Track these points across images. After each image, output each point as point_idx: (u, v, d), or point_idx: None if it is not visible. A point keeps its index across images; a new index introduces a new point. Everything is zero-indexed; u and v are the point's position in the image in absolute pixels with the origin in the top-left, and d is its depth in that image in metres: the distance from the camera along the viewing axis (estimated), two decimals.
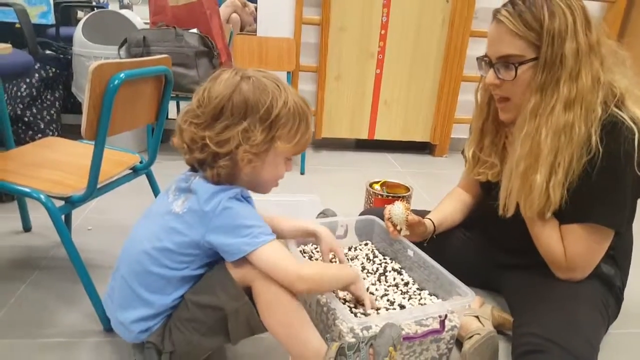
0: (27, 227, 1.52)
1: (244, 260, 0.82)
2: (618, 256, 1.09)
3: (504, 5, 0.98)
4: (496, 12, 0.99)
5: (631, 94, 0.97)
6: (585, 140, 0.94)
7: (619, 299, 1.10)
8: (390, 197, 1.68)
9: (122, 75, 0.97)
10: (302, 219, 1.15)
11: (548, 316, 0.96)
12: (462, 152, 1.26)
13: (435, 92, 2.69)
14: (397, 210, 1.18)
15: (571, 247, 1.02)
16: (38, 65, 2.18)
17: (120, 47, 2.21)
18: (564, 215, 1.02)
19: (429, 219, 1.26)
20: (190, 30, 2.31)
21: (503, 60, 0.98)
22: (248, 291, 0.84)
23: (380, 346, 0.81)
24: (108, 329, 1.05)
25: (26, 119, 2.22)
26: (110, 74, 0.95)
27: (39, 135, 2.24)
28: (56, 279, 1.26)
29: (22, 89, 2.12)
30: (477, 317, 1.09)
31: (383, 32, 2.55)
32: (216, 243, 0.82)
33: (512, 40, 0.95)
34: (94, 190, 1.06)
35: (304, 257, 1.23)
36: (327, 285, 0.92)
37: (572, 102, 0.93)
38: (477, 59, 1.06)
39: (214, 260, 0.87)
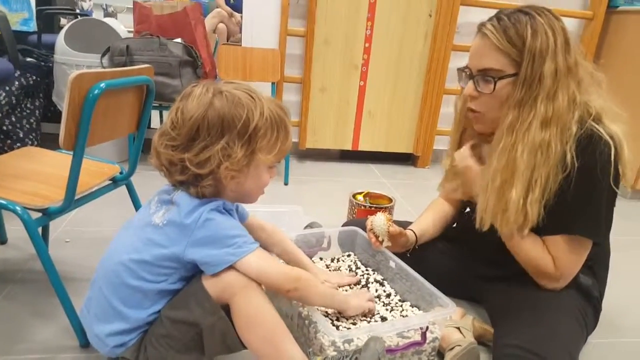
0: (2, 239, 1.47)
1: (221, 276, 0.81)
2: (596, 267, 1.11)
3: (490, 19, 1.01)
4: (481, 25, 1.01)
5: (607, 112, 0.99)
6: (560, 158, 0.96)
7: (596, 309, 1.12)
8: (373, 208, 1.68)
9: (102, 85, 0.96)
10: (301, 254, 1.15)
11: (527, 327, 0.97)
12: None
13: (418, 104, 2.73)
14: (378, 221, 1.19)
15: (559, 258, 1.03)
16: (18, 73, 2.14)
17: (103, 55, 2.19)
18: (546, 228, 1.03)
19: (411, 229, 1.27)
20: (175, 40, 2.30)
21: (483, 73, 1.00)
22: (226, 309, 0.83)
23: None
24: (84, 344, 1.02)
25: (5, 128, 2.17)
26: (90, 83, 0.94)
27: (18, 144, 2.19)
28: (31, 293, 1.23)
29: (1, 97, 2.08)
30: (458, 328, 1.10)
31: (367, 45, 2.58)
32: (198, 256, 0.81)
33: (494, 55, 0.98)
34: (71, 202, 1.04)
35: None
36: (315, 293, 0.92)
37: (549, 121, 0.95)
38: (458, 69, 1.08)
39: (193, 274, 0.85)
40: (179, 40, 2.32)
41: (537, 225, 1.02)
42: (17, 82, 2.11)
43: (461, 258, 1.28)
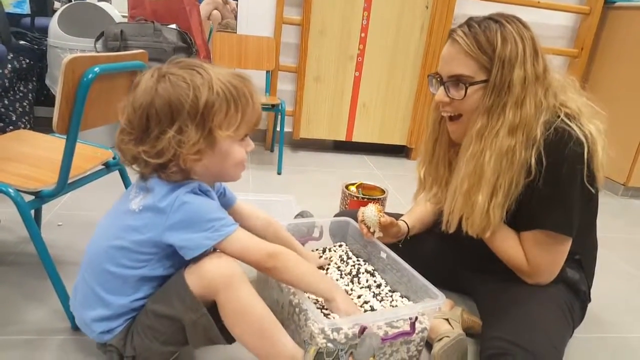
0: None
1: (202, 272, 0.80)
2: (583, 261, 1.13)
3: (461, 25, 1.01)
4: (452, 31, 1.02)
5: (585, 111, 1.01)
6: (524, 163, 0.98)
7: (584, 304, 1.14)
8: (365, 199, 1.70)
9: (96, 69, 0.96)
10: (295, 241, 1.15)
11: (514, 320, 0.99)
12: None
13: (413, 96, 2.74)
14: (369, 212, 1.20)
15: (531, 254, 1.05)
16: (11, 55, 2.12)
17: (97, 40, 2.17)
18: (520, 224, 1.05)
19: (403, 220, 1.29)
20: (169, 26, 2.28)
21: (454, 79, 1.01)
22: (212, 304, 0.82)
23: (361, 355, 0.81)
24: (75, 327, 1.03)
25: None
26: (84, 67, 0.94)
27: (11, 127, 2.18)
28: (23, 275, 1.23)
29: None
30: (447, 319, 1.11)
31: (363, 35, 2.58)
32: (175, 240, 0.80)
33: (465, 61, 0.98)
34: (64, 185, 1.04)
35: None
36: (297, 270, 0.90)
37: (516, 127, 0.97)
38: (429, 76, 1.09)
39: (175, 260, 0.85)
40: (173, 26, 2.30)
41: (512, 223, 1.04)
42: (10, 65, 2.09)
43: (451, 250, 1.29)
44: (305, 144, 2.78)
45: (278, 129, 2.47)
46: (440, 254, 1.31)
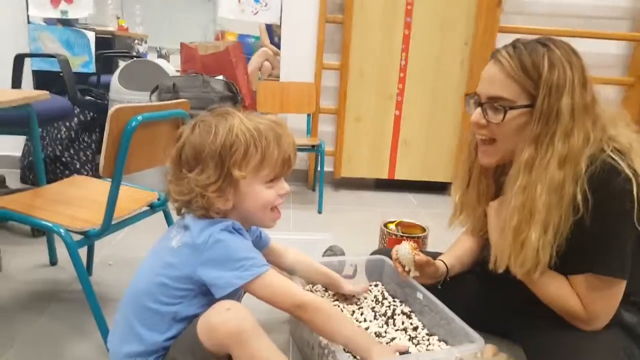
0: (53, 261, 1.59)
1: (213, 327, 0.80)
2: None
3: (505, 46, 0.98)
4: (496, 52, 0.99)
5: (635, 148, 0.95)
6: (572, 199, 0.92)
7: None
8: (404, 237, 1.66)
9: (139, 117, 1.05)
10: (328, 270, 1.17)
11: None
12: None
13: (457, 132, 2.70)
14: (403, 250, 1.17)
15: (587, 299, 0.97)
16: (78, 109, 2.35)
17: (152, 93, 2.36)
18: (569, 267, 0.98)
19: (441, 260, 1.24)
20: (217, 77, 2.44)
21: (493, 101, 0.97)
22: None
23: None
24: None
25: (64, 159, 2.37)
26: (128, 116, 1.03)
27: (75, 174, 2.38)
28: (73, 312, 1.31)
29: (63, 132, 2.28)
30: None
31: (402, 74, 2.61)
32: (207, 277, 0.83)
33: (507, 83, 0.95)
34: (109, 225, 1.11)
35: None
36: (327, 327, 0.88)
37: (565, 159, 0.91)
38: (466, 95, 1.05)
39: (209, 299, 0.86)
40: (220, 77, 2.46)
41: (559, 266, 0.97)
42: (76, 118, 2.31)
43: (495, 292, 1.22)
44: (346, 183, 2.80)
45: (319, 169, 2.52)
46: (483, 296, 1.23)
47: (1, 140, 1.87)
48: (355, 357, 0.97)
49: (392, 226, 1.76)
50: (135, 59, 2.82)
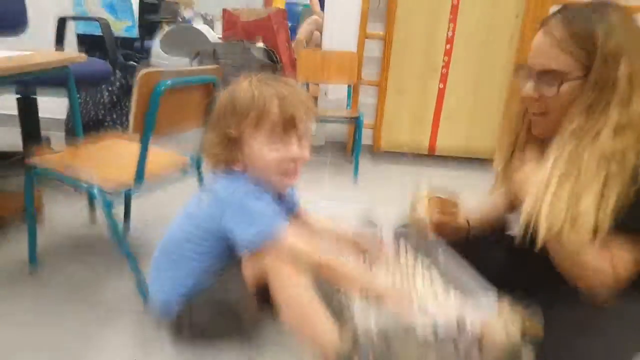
0: (93, 220, 1.67)
1: (256, 259, 0.88)
2: None
3: (554, 14, 0.90)
4: (545, 21, 0.91)
5: None
6: (633, 168, 0.85)
7: None
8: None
9: (168, 82, 1.05)
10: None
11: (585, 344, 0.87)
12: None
13: (501, 108, 2.56)
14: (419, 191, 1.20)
15: (619, 260, 0.90)
16: (120, 74, 2.41)
17: (194, 59, 2.39)
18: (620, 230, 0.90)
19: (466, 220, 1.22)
20: (257, 44, 2.43)
21: (545, 74, 0.90)
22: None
23: None
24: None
25: (106, 124, 2.46)
26: (156, 80, 1.04)
27: None
28: (113, 261, 1.38)
29: (105, 96, 2.36)
30: (503, 322, 1.01)
31: (448, 46, 2.49)
32: (230, 231, 0.88)
33: (559, 55, 0.87)
34: (140, 184, 1.15)
35: None
36: (344, 281, 0.94)
37: (623, 127, 0.84)
38: (516, 66, 0.99)
39: (226, 258, 0.93)
40: (261, 44, 2.44)
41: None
42: (117, 83, 2.37)
43: (521, 268, 1.17)
44: (385, 156, 2.75)
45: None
46: (509, 270, 1.19)
47: (45, 103, 1.94)
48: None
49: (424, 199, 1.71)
50: (178, 24, 2.85)
